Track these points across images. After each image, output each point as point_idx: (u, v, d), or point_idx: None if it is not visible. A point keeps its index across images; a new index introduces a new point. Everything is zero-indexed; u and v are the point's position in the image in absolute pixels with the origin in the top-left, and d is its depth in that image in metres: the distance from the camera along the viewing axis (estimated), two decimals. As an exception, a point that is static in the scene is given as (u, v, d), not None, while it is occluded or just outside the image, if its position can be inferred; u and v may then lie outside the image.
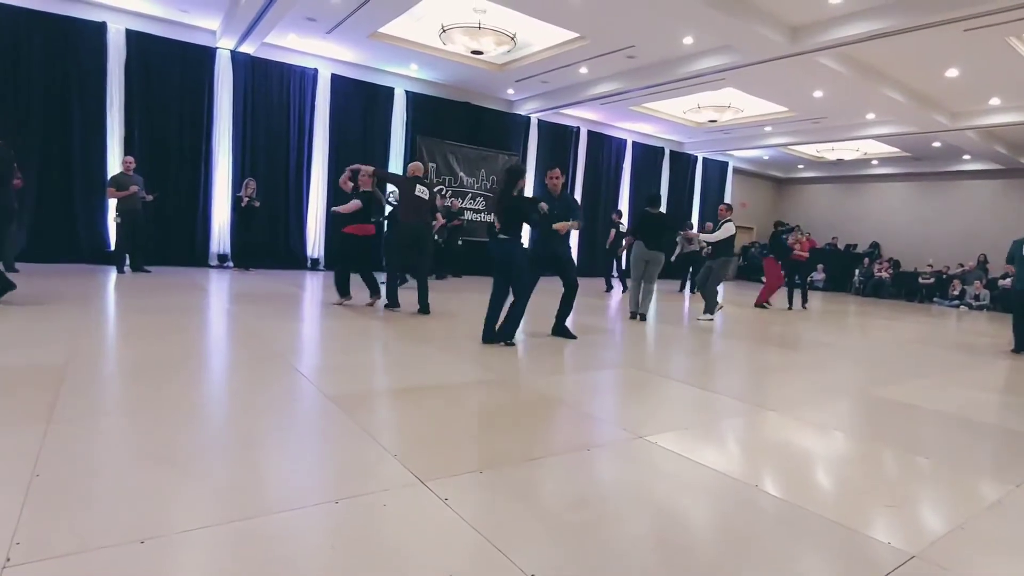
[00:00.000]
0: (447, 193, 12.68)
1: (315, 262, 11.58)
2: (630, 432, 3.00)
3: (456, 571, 1.67)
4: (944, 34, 7.54)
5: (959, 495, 2.60)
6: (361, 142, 11.78)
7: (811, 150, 16.75)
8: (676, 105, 13.20)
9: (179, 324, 5.06)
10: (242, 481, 2.15)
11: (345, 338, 5.16)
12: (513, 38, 9.01)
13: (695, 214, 17.78)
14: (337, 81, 11.40)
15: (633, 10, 7.95)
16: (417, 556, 1.73)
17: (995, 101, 10.88)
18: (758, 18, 7.78)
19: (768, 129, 14.62)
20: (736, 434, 3.20)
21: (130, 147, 9.48)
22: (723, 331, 7.17)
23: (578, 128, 14.96)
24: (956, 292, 14.68)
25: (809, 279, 13.39)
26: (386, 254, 8.60)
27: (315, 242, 11.61)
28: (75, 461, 2.19)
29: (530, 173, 13.76)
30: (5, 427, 2.47)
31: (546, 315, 6.00)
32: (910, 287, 16.06)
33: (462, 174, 13.21)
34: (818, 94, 10.90)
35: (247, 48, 10.19)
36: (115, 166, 9.23)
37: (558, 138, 14.64)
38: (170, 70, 9.80)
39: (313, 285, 9.01)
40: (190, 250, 10.25)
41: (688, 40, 9.01)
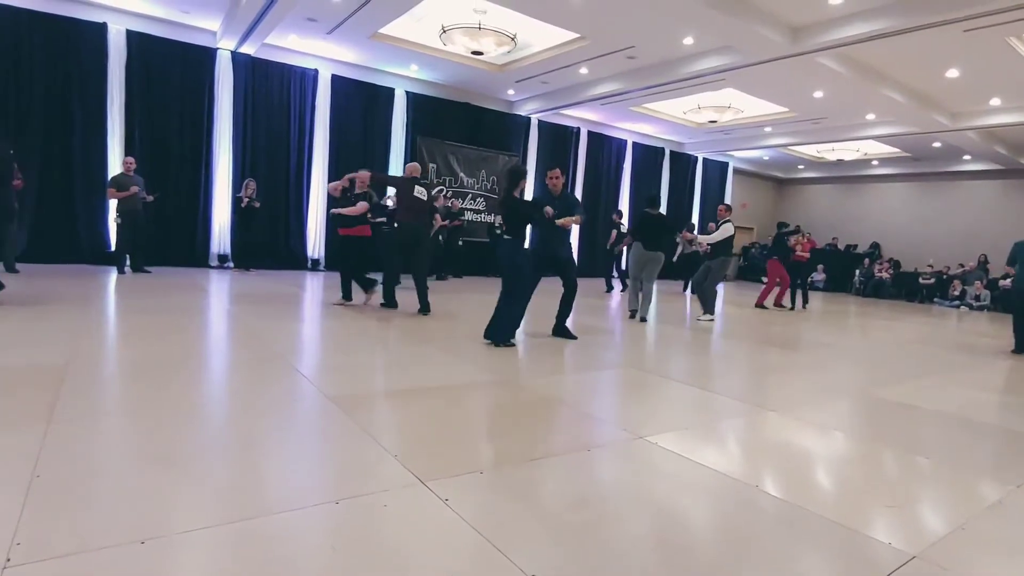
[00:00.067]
0: (447, 194, 12.68)
1: (315, 263, 11.57)
2: (630, 432, 3.00)
3: (456, 571, 1.67)
4: (944, 34, 7.54)
5: (960, 495, 2.60)
6: (361, 143, 11.78)
7: (811, 150, 16.75)
8: (676, 105, 13.19)
9: (179, 324, 5.06)
10: (242, 481, 2.15)
11: (345, 338, 5.16)
12: (513, 39, 9.00)
13: (695, 215, 17.77)
14: (337, 82, 11.40)
15: (633, 10, 7.95)
16: (417, 556, 1.74)
17: (995, 101, 10.88)
18: (758, 18, 7.78)
19: (768, 129, 14.61)
20: (736, 434, 3.20)
21: (130, 148, 9.48)
22: (723, 331, 7.17)
23: (578, 129, 14.95)
24: (956, 292, 14.66)
25: (809, 279, 13.39)
26: (384, 255, 8.59)
27: (315, 243, 11.60)
28: (75, 461, 2.19)
29: (530, 174, 13.74)
30: (5, 427, 2.47)
31: (546, 315, 5.99)
32: (910, 287, 16.05)
33: (462, 175, 13.21)
34: (818, 94, 10.90)
35: (247, 49, 10.19)
36: (115, 167, 9.22)
37: (558, 139, 14.64)
38: (171, 71, 9.80)
39: (313, 286, 9.01)
40: (190, 251, 10.25)
41: (688, 40, 9.01)
